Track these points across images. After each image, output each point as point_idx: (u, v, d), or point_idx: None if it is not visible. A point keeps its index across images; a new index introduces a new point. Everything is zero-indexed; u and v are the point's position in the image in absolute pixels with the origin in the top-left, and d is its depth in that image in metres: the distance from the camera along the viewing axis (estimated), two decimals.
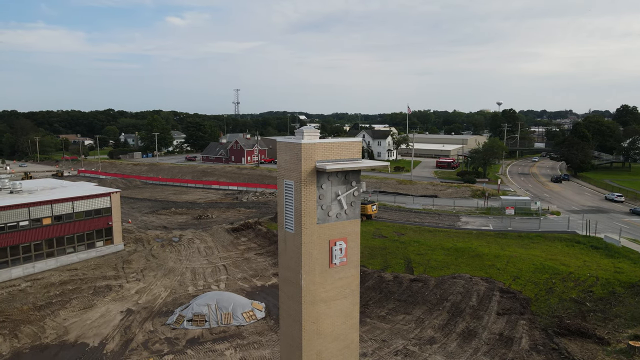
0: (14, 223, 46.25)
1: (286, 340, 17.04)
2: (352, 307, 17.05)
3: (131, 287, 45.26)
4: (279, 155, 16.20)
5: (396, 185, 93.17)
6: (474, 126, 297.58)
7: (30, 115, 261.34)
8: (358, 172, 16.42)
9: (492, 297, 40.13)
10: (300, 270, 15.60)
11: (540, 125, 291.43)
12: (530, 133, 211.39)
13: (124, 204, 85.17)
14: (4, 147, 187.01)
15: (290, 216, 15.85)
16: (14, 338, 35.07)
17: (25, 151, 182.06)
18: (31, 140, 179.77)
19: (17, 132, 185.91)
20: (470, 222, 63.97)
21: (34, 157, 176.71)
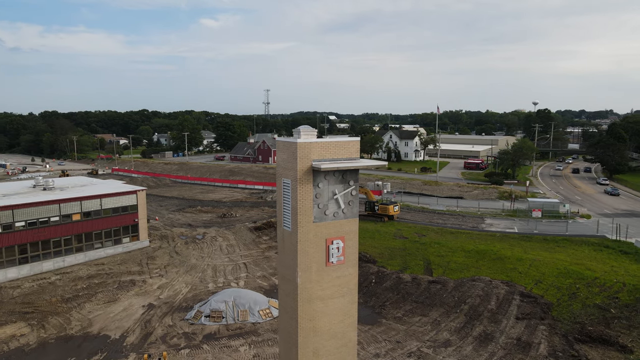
0: (45, 219, 48.32)
1: (284, 337, 17.28)
2: (350, 305, 17.14)
3: (154, 282, 46.53)
4: (278, 154, 16.46)
5: (421, 186, 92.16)
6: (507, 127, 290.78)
7: (69, 116, 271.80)
8: (356, 171, 16.48)
9: (512, 301, 39.26)
10: (297, 267, 15.81)
11: (578, 125, 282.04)
12: (566, 134, 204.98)
13: (153, 202, 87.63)
14: (44, 146, 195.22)
15: (288, 214, 16.08)
16: (41, 329, 36.66)
17: (64, 150, 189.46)
18: (69, 140, 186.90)
19: (56, 132, 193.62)
20: (495, 224, 62.67)
21: (72, 155, 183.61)
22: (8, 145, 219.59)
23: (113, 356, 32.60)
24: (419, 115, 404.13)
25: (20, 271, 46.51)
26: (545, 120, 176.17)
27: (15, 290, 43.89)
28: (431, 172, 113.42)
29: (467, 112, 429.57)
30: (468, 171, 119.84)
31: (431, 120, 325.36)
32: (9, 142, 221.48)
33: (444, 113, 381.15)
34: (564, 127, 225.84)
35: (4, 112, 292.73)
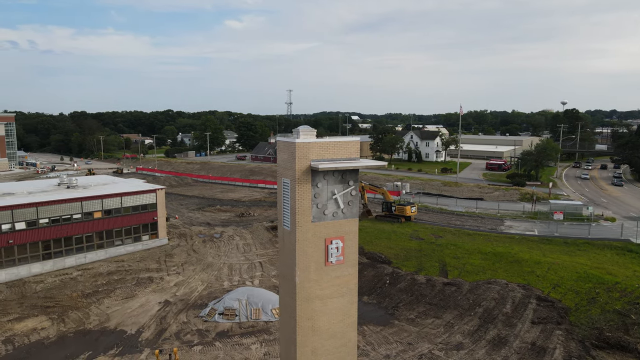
0: (68, 216, 49.78)
1: (284, 336, 17.42)
2: (349, 305, 17.16)
3: (171, 279, 47.38)
4: (279, 154, 16.60)
5: (441, 187, 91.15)
6: (533, 127, 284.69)
7: (97, 116, 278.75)
8: (356, 171, 16.50)
9: (528, 305, 38.52)
10: (295, 267, 15.92)
11: (608, 126, 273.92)
12: (594, 134, 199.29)
13: (174, 201, 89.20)
14: (73, 145, 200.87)
15: (287, 214, 16.21)
16: (61, 322, 37.79)
17: (91, 149, 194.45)
18: (97, 139, 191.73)
19: (84, 132, 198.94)
20: (514, 227, 61.53)
21: (99, 155, 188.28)
22: (39, 145, 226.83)
23: (128, 351, 33.36)
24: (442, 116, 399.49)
25: (44, 266, 48.04)
26: (573, 120, 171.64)
27: (39, 284, 45.35)
28: (452, 173, 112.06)
29: (492, 112, 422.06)
30: (490, 172, 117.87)
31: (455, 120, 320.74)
32: (40, 141, 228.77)
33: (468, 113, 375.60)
34: (593, 127, 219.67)
35: (36, 113, 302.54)
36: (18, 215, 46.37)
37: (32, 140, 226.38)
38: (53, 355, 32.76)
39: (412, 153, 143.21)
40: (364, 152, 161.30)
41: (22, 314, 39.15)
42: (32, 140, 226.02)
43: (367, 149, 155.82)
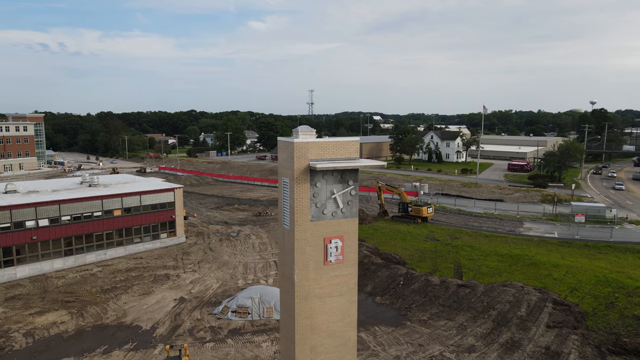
0: (89, 213, 51.15)
1: (283, 334, 17.61)
2: (349, 305, 17.23)
3: (187, 277, 48.18)
4: (279, 154, 16.80)
5: (460, 187, 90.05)
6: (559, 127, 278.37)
7: (123, 116, 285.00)
8: (355, 171, 16.56)
9: (544, 309, 37.78)
10: (294, 265, 16.08)
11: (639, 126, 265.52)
12: (624, 134, 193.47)
13: (194, 200, 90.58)
14: (99, 145, 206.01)
15: (287, 213, 16.39)
16: (79, 317, 38.89)
17: (116, 149, 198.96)
18: (122, 139, 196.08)
19: (110, 132, 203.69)
20: (534, 229, 60.36)
21: (123, 154, 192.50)
22: (67, 144, 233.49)
23: (142, 346, 34.11)
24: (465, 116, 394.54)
25: (66, 262, 49.48)
26: (601, 121, 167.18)
27: (60, 280, 46.75)
28: (472, 173, 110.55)
29: (518, 112, 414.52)
30: (512, 173, 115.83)
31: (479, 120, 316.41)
32: (68, 141, 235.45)
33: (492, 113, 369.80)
34: (622, 127, 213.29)
35: (65, 113, 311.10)
36: (41, 213, 47.90)
37: (60, 139, 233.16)
38: (71, 348, 33.73)
39: (432, 153, 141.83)
40: (384, 153, 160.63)
41: (43, 308, 40.44)
42: (60, 140, 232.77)
43: (387, 149, 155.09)
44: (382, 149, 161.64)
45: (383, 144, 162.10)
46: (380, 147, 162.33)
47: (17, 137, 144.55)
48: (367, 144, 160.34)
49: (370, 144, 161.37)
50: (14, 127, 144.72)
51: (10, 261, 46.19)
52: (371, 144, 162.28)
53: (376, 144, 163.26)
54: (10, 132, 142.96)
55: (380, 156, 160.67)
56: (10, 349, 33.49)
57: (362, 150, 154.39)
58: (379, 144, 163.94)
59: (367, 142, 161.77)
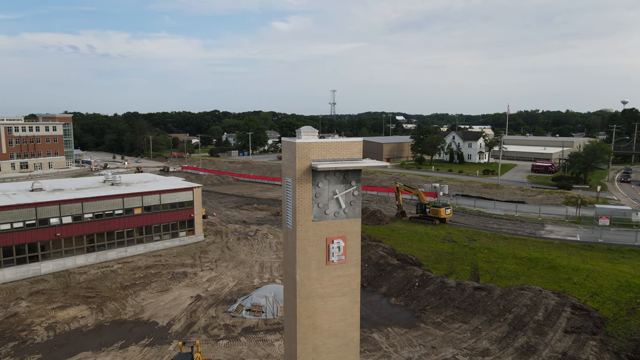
0: (110, 211, 52.42)
1: (287, 332, 17.76)
2: (351, 305, 17.25)
3: (204, 275, 48.89)
4: (283, 154, 16.95)
5: (481, 189, 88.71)
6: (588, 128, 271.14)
7: (148, 116, 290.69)
8: (358, 172, 16.58)
9: (562, 313, 36.94)
10: (296, 264, 16.21)
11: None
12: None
13: (214, 199, 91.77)
14: (125, 144, 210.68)
15: (289, 212, 16.53)
16: (99, 312, 39.93)
17: (141, 148, 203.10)
18: (146, 139, 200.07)
19: (135, 131, 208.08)
20: (555, 231, 59.01)
21: (148, 154, 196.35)
22: (95, 144, 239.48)
23: (158, 342, 34.81)
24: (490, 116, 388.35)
25: (88, 259, 50.84)
26: (631, 121, 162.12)
27: (82, 276, 48.07)
28: (494, 174, 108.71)
29: (545, 112, 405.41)
30: (535, 174, 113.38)
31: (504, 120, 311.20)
32: (96, 140, 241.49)
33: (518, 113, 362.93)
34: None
35: (93, 113, 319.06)
36: (65, 210, 49.33)
37: (88, 139, 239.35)
38: (90, 342, 34.66)
39: (453, 154, 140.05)
40: (405, 153, 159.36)
41: (65, 302, 41.67)
42: (88, 140, 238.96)
43: (408, 149, 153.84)
44: (403, 149, 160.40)
45: (404, 144, 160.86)
46: (401, 148, 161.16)
47: (46, 136, 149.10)
48: (388, 144, 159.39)
49: (391, 144, 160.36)
50: (43, 127, 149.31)
51: (35, 257, 47.73)
52: (392, 144, 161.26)
53: (397, 144, 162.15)
54: (40, 131, 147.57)
55: (401, 156, 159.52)
56: (32, 342, 34.63)
57: (383, 151, 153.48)
58: (400, 144, 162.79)
59: (388, 143, 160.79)
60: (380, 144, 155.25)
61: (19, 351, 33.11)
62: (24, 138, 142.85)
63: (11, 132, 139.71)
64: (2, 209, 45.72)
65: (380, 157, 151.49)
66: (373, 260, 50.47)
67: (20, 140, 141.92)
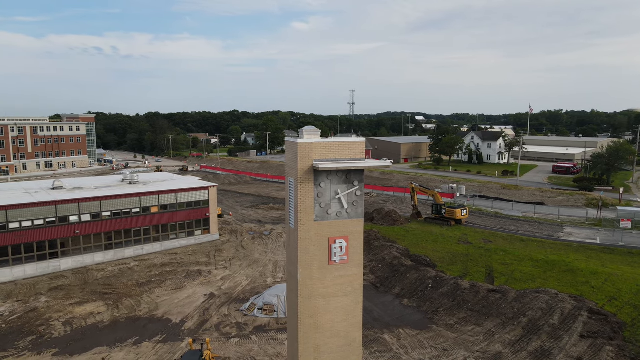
0: (128, 210, 53.39)
1: (289, 332, 17.83)
2: (354, 305, 17.22)
3: (218, 273, 49.39)
4: (286, 154, 17.04)
5: (499, 190, 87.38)
6: (614, 128, 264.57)
7: (169, 116, 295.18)
8: (361, 172, 16.54)
9: (578, 318, 36.13)
10: (297, 264, 16.27)
11: None
12: None
13: (230, 198, 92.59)
14: (146, 144, 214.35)
15: (291, 212, 16.60)
16: (115, 308, 40.71)
17: (162, 148, 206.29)
18: (167, 138, 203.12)
19: (156, 131, 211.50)
20: (574, 234, 57.74)
21: (168, 153, 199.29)
22: (117, 143, 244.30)
23: (171, 339, 35.31)
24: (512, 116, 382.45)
25: (106, 256, 51.87)
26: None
27: (100, 272, 49.07)
28: (513, 175, 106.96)
29: (569, 112, 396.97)
30: (556, 175, 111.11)
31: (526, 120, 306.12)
32: (118, 140, 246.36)
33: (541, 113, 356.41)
34: None
35: (116, 113, 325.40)
36: (84, 208, 50.44)
37: (111, 139, 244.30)
38: (105, 338, 35.37)
39: (472, 155, 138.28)
40: (423, 153, 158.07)
41: (82, 298, 42.61)
42: (111, 139, 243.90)
43: (427, 150, 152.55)
44: (421, 150, 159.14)
45: (422, 145, 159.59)
46: (419, 148, 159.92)
47: (70, 136, 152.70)
48: (406, 144, 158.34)
49: (409, 145, 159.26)
50: (67, 127, 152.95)
51: (55, 253, 48.93)
52: (410, 144, 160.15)
53: (415, 145, 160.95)
54: (64, 131, 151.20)
55: (419, 157, 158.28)
56: (50, 336, 35.51)
57: (401, 151, 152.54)
58: (418, 144, 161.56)
59: (406, 143, 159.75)
60: (398, 144, 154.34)
61: (36, 345, 34.00)
62: (49, 138, 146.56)
63: (36, 131, 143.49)
64: (24, 207, 47.02)
65: (398, 157, 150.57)
66: (387, 261, 50.22)
67: (45, 140, 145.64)
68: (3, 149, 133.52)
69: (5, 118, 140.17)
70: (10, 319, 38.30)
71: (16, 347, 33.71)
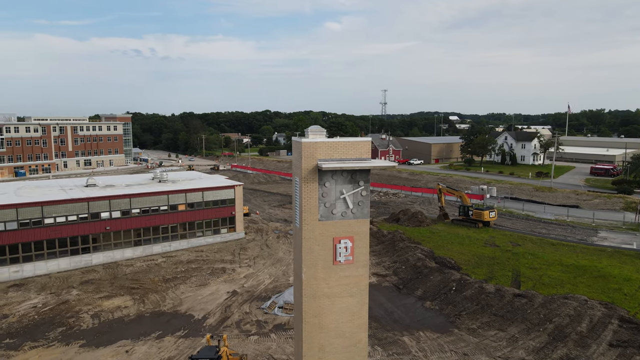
0: (156, 207, 54.83)
1: (295, 332, 17.89)
2: (359, 306, 17.12)
3: (242, 271, 50.05)
4: (292, 154, 17.09)
5: (532, 192, 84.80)
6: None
7: (203, 116, 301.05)
8: (367, 172, 16.42)
9: (608, 326, 34.67)
10: (302, 263, 16.31)
11: None
12: None
13: (259, 197, 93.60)
14: (180, 143, 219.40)
15: (297, 211, 16.65)
16: (141, 303, 41.88)
17: (195, 147, 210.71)
18: (200, 138, 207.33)
19: (190, 131, 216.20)
20: (609, 239, 55.38)
21: (201, 152, 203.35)
22: (153, 142, 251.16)
23: (192, 334, 36.05)
24: (551, 115, 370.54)
25: (135, 252, 53.45)
26: None
27: (128, 268, 50.60)
28: (548, 177, 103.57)
29: (612, 112, 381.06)
30: (594, 177, 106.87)
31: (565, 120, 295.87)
32: (154, 139, 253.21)
33: (581, 112, 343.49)
34: None
35: (153, 113, 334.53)
36: (114, 205, 52.12)
37: (147, 138, 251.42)
38: (130, 331, 36.45)
39: (505, 155, 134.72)
40: (454, 154, 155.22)
41: (111, 292, 44.06)
42: (147, 138, 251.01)
43: (458, 150, 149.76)
44: (453, 150, 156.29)
45: (454, 145, 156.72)
46: (450, 148, 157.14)
47: (108, 135, 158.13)
48: (437, 144, 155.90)
49: (440, 145, 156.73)
50: (105, 126, 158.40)
51: (87, 248, 50.79)
52: (441, 144, 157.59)
53: (446, 145, 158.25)
54: (102, 131, 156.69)
55: (450, 157, 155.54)
56: (79, 328, 36.89)
57: (432, 151, 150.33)
58: (449, 144, 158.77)
59: (437, 143, 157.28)
60: (429, 145, 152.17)
61: (65, 336, 35.38)
62: (88, 137, 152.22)
63: (76, 131, 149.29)
64: (58, 203, 49.02)
65: (429, 157, 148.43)
66: (410, 263, 49.63)
67: (85, 139, 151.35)
68: (46, 147, 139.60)
69: (48, 118, 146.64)
70: (42, 310, 40.03)
71: (46, 337, 35.18)
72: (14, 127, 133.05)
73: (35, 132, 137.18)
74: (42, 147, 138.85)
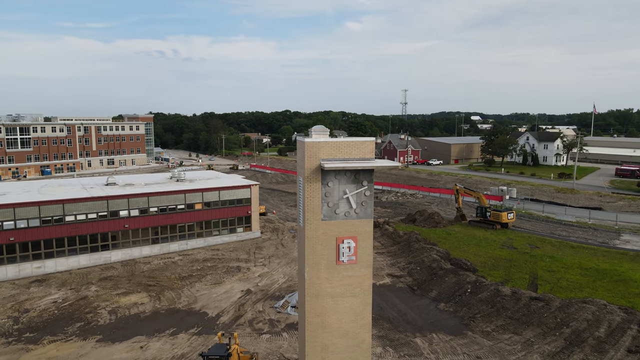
0: (173, 206, 55.66)
1: (299, 331, 17.96)
2: (363, 306, 17.09)
3: (257, 270, 50.40)
4: (297, 154, 17.16)
5: (553, 193, 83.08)
6: None
7: (223, 116, 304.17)
8: (370, 171, 16.39)
9: (627, 331, 33.75)
10: (304, 263, 16.37)
11: None
12: None
13: (276, 197, 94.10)
14: (200, 143, 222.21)
15: (301, 211, 16.72)
16: (157, 300, 42.59)
17: (215, 147, 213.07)
18: (220, 138, 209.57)
19: (210, 131, 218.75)
20: (632, 242, 53.86)
21: (221, 152, 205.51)
22: (174, 142, 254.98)
23: (205, 332, 36.49)
24: (576, 115, 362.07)
25: (152, 250, 54.36)
26: None
27: (146, 265, 51.50)
28: (571, 178, 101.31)
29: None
30: (619, 179, 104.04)
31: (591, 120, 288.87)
32: (175, 139, 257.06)
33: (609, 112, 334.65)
34: None
35: (175, 114, 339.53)
36: (133, 204, 53.13)
37: (169, 138, 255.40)
38: (145, 328, 37.11)
39: (527, 156, 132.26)
40: (475, 154, 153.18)
41: (128, 289, 44.92)
42: (169, 138, 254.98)
43: (478, 150, 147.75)
44: (473, 150, 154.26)
45: (474, 145, 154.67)
46: (470, 149, 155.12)
47: (130, 135, 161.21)
48: (457, 145, 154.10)
49: (460, 145, 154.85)
50: (128, 126, 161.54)
51: (106, 246, 51.89)
52: (461, 145, 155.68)
53: (466, 145, 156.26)
54: (125, 131, 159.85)
55: (470, 158, 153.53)
56: (96, 323, 37.74)
57: (451, 152, 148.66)
58: (469, 145, 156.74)
59: (457, 143, 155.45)
60: (448, 145, 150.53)
61: (83, 331, 36.24)
62: (111, 137, 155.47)
63: (100, 131, 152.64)
64: (79, 201, 50.23)
65: (448, 158, 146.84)
66: (425, 264, 49.21)
67: (108, 139, 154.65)
68: (71, 147, 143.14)
69: (73, 118, 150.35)
70: (62, 305, 41.07)
71: (65, 332, 36.10)
72: (41, 127, 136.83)
73: (61, 132, 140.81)
74: (67, 147, 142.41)
